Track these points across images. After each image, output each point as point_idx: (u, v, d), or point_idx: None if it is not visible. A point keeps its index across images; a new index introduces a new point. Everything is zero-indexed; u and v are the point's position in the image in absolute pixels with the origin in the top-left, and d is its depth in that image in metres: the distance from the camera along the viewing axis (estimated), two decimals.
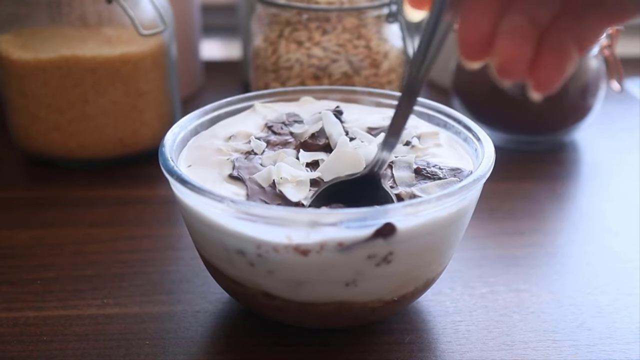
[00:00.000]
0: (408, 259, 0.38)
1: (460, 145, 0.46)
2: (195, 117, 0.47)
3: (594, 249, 0.54)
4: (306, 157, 0.44)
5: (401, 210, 0.36)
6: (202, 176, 0.42)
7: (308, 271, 0.37)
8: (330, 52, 0.61)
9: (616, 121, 0.77)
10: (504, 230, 0.56)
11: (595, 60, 0.67)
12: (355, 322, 0.42)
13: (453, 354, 0.42)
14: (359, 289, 0.38)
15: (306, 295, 0.38)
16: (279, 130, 0.47)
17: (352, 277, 0.37)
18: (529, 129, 0.68)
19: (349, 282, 0.38)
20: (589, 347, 0.43)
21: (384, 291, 0.39)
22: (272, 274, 0.38)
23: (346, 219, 0.36)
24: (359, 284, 0.38)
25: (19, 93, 0.61)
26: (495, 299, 0.47)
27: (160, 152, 0.41)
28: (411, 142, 0.45)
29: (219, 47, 0.99)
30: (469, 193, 0.39)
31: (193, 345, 0.43)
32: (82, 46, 0.59)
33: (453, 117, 0.47)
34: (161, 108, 0.64)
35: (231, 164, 0.43)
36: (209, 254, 0.41)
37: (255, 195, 0.40)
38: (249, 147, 0.45)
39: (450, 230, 0.40)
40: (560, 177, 0.65)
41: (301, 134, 0.47)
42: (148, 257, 0.51)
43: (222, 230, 0.37)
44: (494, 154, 0.42)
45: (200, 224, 0.39)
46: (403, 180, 0.42)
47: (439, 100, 0.51)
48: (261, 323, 0.44)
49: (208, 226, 0.38)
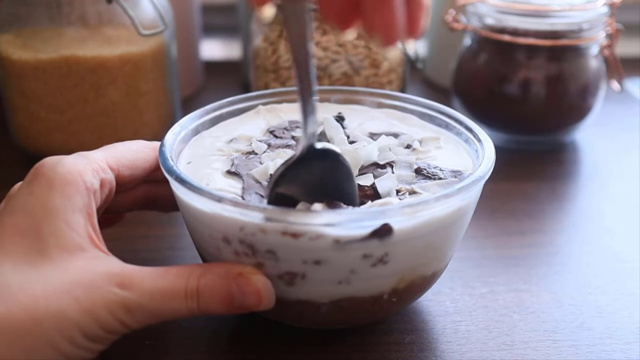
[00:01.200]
0: (405, 259, 0.38)
1: (463, 148, 0.46)
2: (196, 116, 0.47)
3: (594, 249, 0.54)
4: None
5: (399, 211, 0.36)
6: (200, 172, 0.42)
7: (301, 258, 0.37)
8: (330, 52, 0.61)
9: (616, 121, 0.77)
10: (504, 230, 0.56)
11: (595, 60, 0.67)
12: (353, 322, 0.42)
13: (453, 354, 0.42)
14: (352, 287, 0.38)
15: (299, 293, 0.39)
16: (280, 134, 0.47)
17: (346, 276, 0.38)
18: (529, 129, 0.68)
19: (342, 281, 0.38)
20: (589, 347, 0.43)
21: (380, 289, 0.39)
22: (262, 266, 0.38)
23: (344, 220, 0.36)
24: (353, 283, 0.38)
25: (19, 93, 0.61)
26: (495, 299, 0.47)
27: (160, 151, 0.41)
28: (412, 145, 0.46)
29: (219, 47, 0.99)
30: (468, 194, 0.38)
31: (193, 345, 0.43)
32: (82, 46, 0.59)
33: (454, 117, 0.47)
34: (161, 108, 0.64)
35: (230, 162, 0.43)
36: (209, 254, 0.41)
37: (250, 189, 0.41)
38: (250, 149, 0.45)
39: (449, 232, 0.40)
40: (560, 177, 0.65)
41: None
42: (148, 257, 0.51)
43: (217, 219, 0.38)
44: (494, 155, 0.42)
45: (200, 224, 0.39)
46: (403, 179, 0.42)
47: (439, 100, 0.51)
48: (261, 323, 0.44)
49: (209, 226, 0.38)
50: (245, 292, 0.37)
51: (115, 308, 0.34)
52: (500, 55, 0.67)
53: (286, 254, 0.37)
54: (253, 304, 0.37)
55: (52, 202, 0.36)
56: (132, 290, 0.35)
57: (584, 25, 0.65)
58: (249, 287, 0.37)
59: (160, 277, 0.36)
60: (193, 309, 0.36)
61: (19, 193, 0.37)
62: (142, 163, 0.42)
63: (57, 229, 0.35)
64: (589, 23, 0.65)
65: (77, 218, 0.36)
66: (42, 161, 0.38)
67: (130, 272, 0.36)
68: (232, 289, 0.37)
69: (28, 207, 0.36)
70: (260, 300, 0.37)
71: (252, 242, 0.37)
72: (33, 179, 0.37)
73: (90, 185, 0.38)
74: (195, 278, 0.36)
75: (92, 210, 0.37)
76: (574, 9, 0.65)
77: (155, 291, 0.35)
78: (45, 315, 0.33)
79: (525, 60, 0.66)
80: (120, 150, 0.42)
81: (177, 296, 0.36)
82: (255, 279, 0.37)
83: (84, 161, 0.39)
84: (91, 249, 0.36)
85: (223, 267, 0.38)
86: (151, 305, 0.35)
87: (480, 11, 0.67)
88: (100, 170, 0.39)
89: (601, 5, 0.66)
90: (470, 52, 0.69)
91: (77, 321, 0.33)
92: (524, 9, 0.65)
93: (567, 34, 0.65)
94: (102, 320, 0.34)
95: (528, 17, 0.65)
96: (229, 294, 0.36)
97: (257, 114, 0.50)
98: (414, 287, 0.40)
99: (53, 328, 0.33)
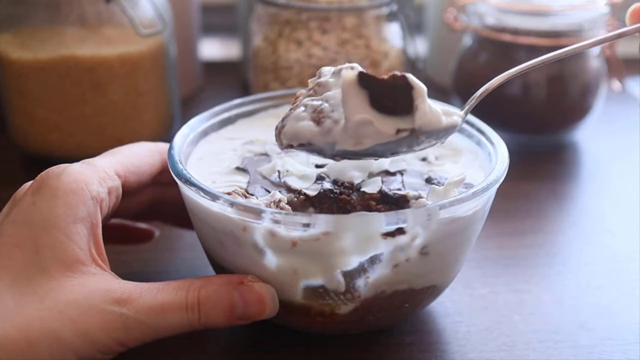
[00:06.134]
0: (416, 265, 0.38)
1: (479, 165, 0.45)
2: (204, 118, 0.47)
3: (594, 249, 0.54)
4: (316, 159, 0.44)
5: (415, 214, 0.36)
6: (208, 170, 0.43)
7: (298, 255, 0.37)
8: (330, 51, 0.61)
9: (616, 121, 0.77)
10: (505, 231, 0.56)
11: (596, 60, 0.67)
12: (351, 328, 0.42)
13: (453, 354, 0.42)
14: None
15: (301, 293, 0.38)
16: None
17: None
18: (530, 129, 0.68)
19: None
20: (589, 347, 0.43)
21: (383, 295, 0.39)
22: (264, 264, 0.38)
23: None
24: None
25: (17, 93, 0.61)
26: (496, 300, 0.47)
27: (169, 154, 0.41)
28: (427, 159, 0.45)
29: (218, 47, 0.98)
30: (481, 199, 0.39)
31: (193, 346, 0.43)
32: (81, 46, 0.59)
33: (466, 120, 0.47)
34: (160, 108, 0.64)
35: (241, 160, 0.44)
36: (214, 253, 0.41)
37: (256, 183, 0.41)
38: (264, 150, 0.46)
39: (464, 236, 0.40)
40: (560, 177, 0.65)
41: None
42: (148, 257, 0.51)
43: (220, 218, 0.38)
44: (507, 159, 0.41)
45: (208, 226, 0.39)
46: (412, 186, 0.42)
47: (439, 100, 0.51)
48: (261, 324, 0.44)
49: (218, 230, 0.38)
50: (248, 300, 0.36)
51: (111, 328, 0.34)
52: (501, 55, 0.66)
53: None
54: (256, 311, 0.37)
55: (54, 213, 0.35)
56: (131, 306, 0.34)
57: (584, 24, 0.65)
58: (252, 295, 0.36)
59: (160, 291, 0.35)
60: (194, 322, 0.36)
61: (22, 202, 0.37)
62: (148, 168, 0.42)
63: (56, 241, 0.35)
64: (589, 23, 0.65)
65: (78, 229, 0.36)
66: (48, 170, 0.38)
67: (129, 288, 0.35)
68: (234, 298, 0.36)
69: (29, 217, 0.35)
70: (264, 308, 0.37)
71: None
72: (37, 188, 0.37)
73: (97, 194, 0.37)
74: (195, 290, 0.36)
75: (97, 220, 0.37)
76: (574, 8, 0.65)
77: (156, 305, 0.35)
78: (39, 337, 0.32)
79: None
80: (126, 155, 0.41)
81: (178, 309, 0.35)
82: (257, 287, 0.37)
83: (90, 169, 0.38)
84: (90, 263, 0.36)
85: (224, 277, 0.37)
86: (151, 321, 0.35)
87: (481, 11, 0.67)
88: (108, 178, 0.39)
89: (602, 5, 0.66)
90: (471, 52, 0.69)
91: (71, 343, 0.33)
92: (525, 9, 0.65)
93: (568, 33, 0.64)
94: (98, 342, 0.33)
95: (529, 16, 0.65)
96: (231, 303, 0.36)
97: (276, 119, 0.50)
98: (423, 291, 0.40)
99: (46, 351, 0.32)
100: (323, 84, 0.38)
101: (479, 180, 0.42)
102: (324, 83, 0.38)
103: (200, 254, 0.45)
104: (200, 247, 0.44)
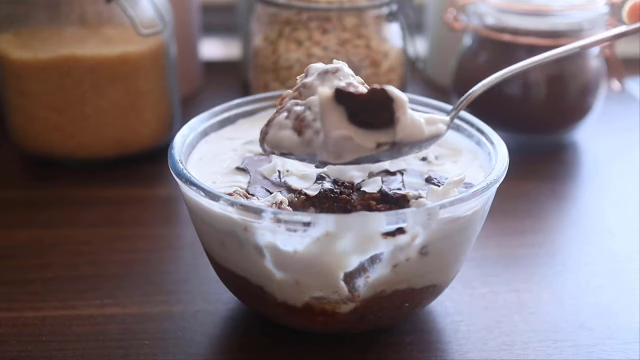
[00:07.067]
0: (416, 264, 0.38)
1: (479, 165, 0.45)
2: (205, 119, 0.47)
3: (594, 249, 0.54)
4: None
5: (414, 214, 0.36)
6: (209, 170, 0.43)
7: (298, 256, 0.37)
8: (330, 51, 0.61)
9: (616, 121, 0.77)
10: (505, 231, 0.56)
11: (596, 60, 0.67)
12: (352, 327, 0.42)
13: (453, 354, 0.42)
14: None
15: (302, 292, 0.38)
16: None
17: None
18: (530, 128, 0.68)
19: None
20: (589, 347, 0.43)
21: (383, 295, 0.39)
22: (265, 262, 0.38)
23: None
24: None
25: (18, 93, 0.61)
26: (496, 300, 0.47)
27: (170, 154, 0.41)
28: (427, 158, 0.45)
29: (218, 47, 0.98)
30: (481, 198, 0.39)
31: (193, 346, 0.43)
32: (82, 46, 0.59)
33: (467, 121, 0.47)
34: (161, 108, 0.64)
35: (241, 160, 0.44)
36: (216, 254, 0.41)
37: (257, 183, 0.41)
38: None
39: (463, 237, 0.40)
40: (560, 177, 0.65)
41: None
42: (148, 257, 0.51)
43: (221, 220, 0.38)
44: (507, 159, 0.41)
45: (208, 226, 0.39)
46: (412, 186, 0.42)
47: (439, 100, 0.51)
48: (261, 324, 0.44)
49: (219, 231, 0.38)
50: None
51: None
52: (501, 55, 0.66)
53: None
54: None
55: None
56: None
57: (584, 25, 0.65)
58: None
59: None
60: None
61: None
62: None
63: None
64: (589, 23, 0.65)
65: None
66: None
67: None
68: None
69: None
70: None
71: None
72: None
73: None
74: None
75: None
76: (574, 8, 0.65)
77: None
78: None
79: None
80: None
81: None
82: None
83: None
84: None
85: None
86: None
87: (481, 11, 0.67)
88: None
89: (602, 5, 0.66)
90: (471, 52, 0.69)
91: None
92: (525, 9, 0.65)
93: (568, 33, 0.64)
94: None
95: (529, 16, 0.65)
96: None
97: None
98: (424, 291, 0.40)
99: None
100: (308, 86, 0.38)
101: (479, 180, 0.42)
102: (309, 85, 0.38)
103: (201, 254, 0.45)
104: (200, 247, 0.44)
